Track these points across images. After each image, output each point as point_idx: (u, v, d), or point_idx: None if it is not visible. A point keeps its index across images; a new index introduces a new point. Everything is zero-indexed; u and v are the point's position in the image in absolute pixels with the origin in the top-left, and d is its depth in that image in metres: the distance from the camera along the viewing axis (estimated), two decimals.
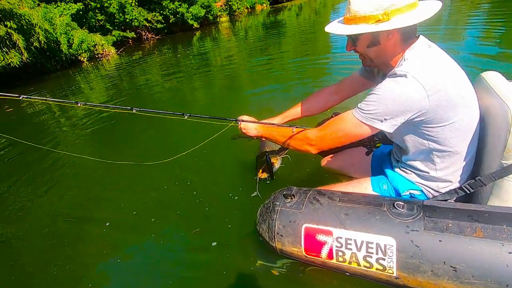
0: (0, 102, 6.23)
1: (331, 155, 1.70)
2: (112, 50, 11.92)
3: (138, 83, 6.58)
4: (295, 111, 1.56)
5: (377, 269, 1.04)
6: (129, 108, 1.37)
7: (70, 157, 2.82)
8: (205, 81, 5.53)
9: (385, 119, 0.97)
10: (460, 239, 0.94)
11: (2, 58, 7.73)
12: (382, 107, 0.96)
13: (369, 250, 1.04)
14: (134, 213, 1.94)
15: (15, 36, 7.91)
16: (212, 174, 2.18)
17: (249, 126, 1.43)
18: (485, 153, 1.08)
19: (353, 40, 1.06)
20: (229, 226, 1.65)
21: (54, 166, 2.90)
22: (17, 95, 1.31)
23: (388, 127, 0.99)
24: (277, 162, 1.85)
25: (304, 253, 1.17)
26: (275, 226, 1.22)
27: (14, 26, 7.91)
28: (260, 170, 1.83)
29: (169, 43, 13.03)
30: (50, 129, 4.25)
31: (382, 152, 1.50)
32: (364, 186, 1.33)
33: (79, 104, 1.39)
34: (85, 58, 11.06)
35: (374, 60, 1.08)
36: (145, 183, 2.27)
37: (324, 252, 1.12)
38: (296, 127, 1.26)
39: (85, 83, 7.95)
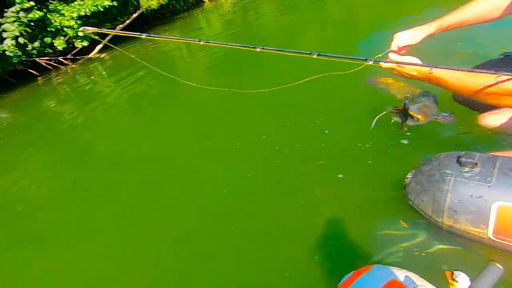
0: (147, 41, 7.14)
1: (496, 111, 1.22)
2: None
3: (249, 20, 6.47)
4: (460, 16, 1.08)
5: None
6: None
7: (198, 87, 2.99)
8: (320, 14, 4.90)
9: None
10: None
11: (145, 1, 8.63)
12: None
13: None
14: (264, 137, 1.96)
15: None
16: (343, 119, 1.89)
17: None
18: None
19: None
20: (363, 164, 1.45)
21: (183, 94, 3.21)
22: (139, 34, 1.30)
23: None
24: (419, 119, 1.47)
25: (490, 236, 0.89)
26: (445, 199, 0.94)
27: None
28: (395, 112, 1.55)
29: None
30: (179, 63, 4.67)
31: None
32: None
33: (201, 42, 1.35)
34: None
35: None
36: (270, 113, 2.24)
37: None
38: (504, 75, 0.82)
39: (205, 22, 8.28)
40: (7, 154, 3.27)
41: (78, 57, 7.50)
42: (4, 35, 5.98)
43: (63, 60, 7.35)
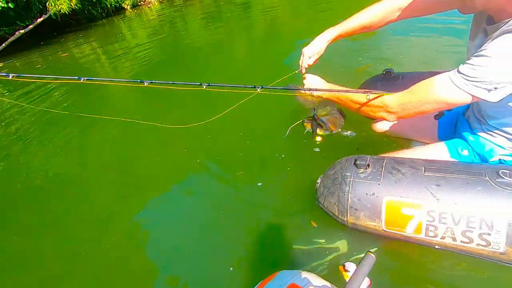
0: (56, 48, 6.38)
1: None
2: None
3: (177, 31, 6.32)
4: (347, 27, 1.25)
5: (478, 244, 0.90)
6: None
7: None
8: (246, 28, 5.11)
9: (495, 88, 0.75)
10: None
11: (53, 5, 7.72)
12: (494, 74, 0.74)
13: (470, 224, 0.89)
14: (185, 150, 1.94)
15: None
16: (263, 130, 1.97)
17: (315, 83, 1.22)
18: None
19: None
20: (280, 173, 1.55)
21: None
22: None
23: (495, 97, 0.77)
24: (330, 128, 1.63)
25: (383, 228, 1.01)
26: (347, 199, 1.06)
27: None
28: (308, 123, 1.67)
29: None
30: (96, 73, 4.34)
31: (454, 111, 1.23)
32: (438, 152, 1.13)
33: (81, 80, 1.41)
34: (129, 6, 10.75)
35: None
36: (192, 142, 2.14)
37: (411, 226, 0.96)
38: (372, 93, 1.01)
39: (127, 30, 7.80)
40: None
41: None
42: None
43: None
